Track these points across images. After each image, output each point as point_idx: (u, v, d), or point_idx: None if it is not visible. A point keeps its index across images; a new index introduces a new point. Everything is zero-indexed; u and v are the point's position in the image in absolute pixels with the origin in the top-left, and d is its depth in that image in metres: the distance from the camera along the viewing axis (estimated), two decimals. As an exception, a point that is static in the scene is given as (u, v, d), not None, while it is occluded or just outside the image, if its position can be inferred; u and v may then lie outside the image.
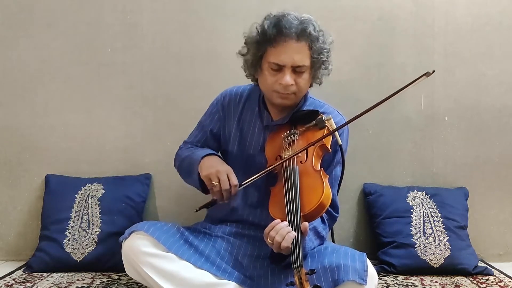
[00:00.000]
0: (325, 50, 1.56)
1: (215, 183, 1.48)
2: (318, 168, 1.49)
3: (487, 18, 2.21)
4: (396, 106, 2.21)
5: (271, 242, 1.33)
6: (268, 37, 1.51)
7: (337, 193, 1.66)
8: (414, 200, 2.11)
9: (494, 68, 2.22)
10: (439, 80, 2.22)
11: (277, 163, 1.48)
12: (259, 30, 1.54)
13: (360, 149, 2.20)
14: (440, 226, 2.04)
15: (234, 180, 1.50)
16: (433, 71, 1.44)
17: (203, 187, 1.59)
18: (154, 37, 2.20)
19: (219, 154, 1.70)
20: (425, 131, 2.23)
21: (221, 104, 1.73)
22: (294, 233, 1.31)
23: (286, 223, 1.34)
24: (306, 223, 1.35)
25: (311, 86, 1.64)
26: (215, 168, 1.52)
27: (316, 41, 1.52)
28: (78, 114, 2.21)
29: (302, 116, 1.60)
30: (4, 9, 2.19)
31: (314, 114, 1.58)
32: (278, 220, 1.35)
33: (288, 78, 1.51)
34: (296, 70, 1.52)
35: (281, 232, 1.31)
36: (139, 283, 1.83)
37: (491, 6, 2.20)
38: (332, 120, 1.54)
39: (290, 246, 1.29)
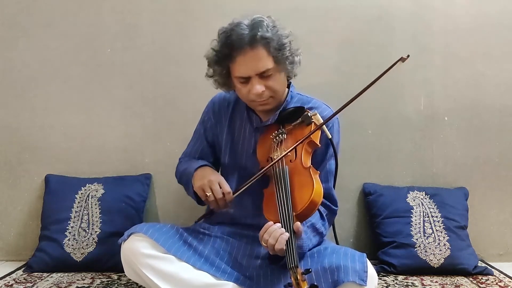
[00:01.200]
0: (285, 45, 1.52)
1: (208, 194, 1.49)
2: (308, 165, 1.48)
3: (486, 18, 2.20)
4: (396, 106, 2.21)
5: (265, 245, 1.34)
6: (224, 56, 1.50)
7: (334, 186, 1.65)
8: (414, 200, 2.11)
9: (493, 68, 2.22)
10: (438, 80, 2.22)
11: (268, 166, 1.48)
12: (215, 50, 1.54)
13: (360, 149, 2.20)
14: (440, 226, 2.04)
15: (227, 188, 1.51)
16: (408, 56, 1.45)
17: (198, 200, 1.61)
18: (153, 38, 2.20)
19: (211, 164, 1.70)
20: (425, 131, 2.23)
21: (212, 111, 1.74)
22: (287, 235, 1.31)
23: (278, 224, 1.34)
24: (298, 223, 1.35)
25: (289, 78, 1.63)
26: (206, 178, 1.53)
27: (271, 41, 1.49)
28: (78, 114, 2.21)
29: (288, 115, 1.59)
30: (4, 9, 2.19)
31: (300, 111, 1.58)
32: (271, 222, 1.36)
33: (257, 87, 1.50)
34: (263, 75, 1.51)
35: (274, 234, 1.32)
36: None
37: (490, 6, 2.20)
38: (318, 115, 1.53)
39: (284, 248, 1.30)
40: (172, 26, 2.20)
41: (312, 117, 1.53)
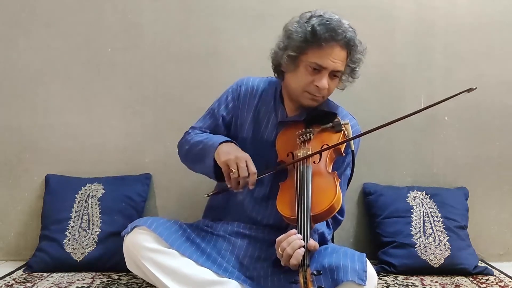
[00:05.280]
0: (359, 61, 1.59)
1: (233, 170, 1.44)
2: (331, 170, 1.49)
3: (488, 17, 2.20)
4: (396, 106, 2.21)
5: (281, 253, 1.31)
6: (317, 37, 1.49)
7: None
8: (414, 200, 2.11)
9: (494, 67, 2.21)
10: (439, 80, 2.22)
11: (294, 161, 1.47)
12: (308, 28, 1.50)
13: (360, 148, 2.17)
14: (440, 226, 2.04)
15: (253, 168, 1.46)
16: (475, 88, 1.46)
17: (217, 175, 1.55)
18: (154, 37, 2.20)
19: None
20: (425, 131, 2.22)
21: (237, 93, 1.71)
22: (303, 250, 1.28)
23: (300, 236, 1.31)
24: (313, 241, 1.34)
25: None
26: (233, 154, 1.47)
27: (355, 52, 1.55)
28: (78, 114, 2.21)
29: (319, 116, 1.59)
30: (5, 9, 2.19)
31: (331, 116, 1.58)
32: (294, 231, 1.33)
33: (325, 82, 1.52)
34: (333, 75, 1.54)
35: (293, 244, 1.28)
36: (139, 283, 1.83)
37: (492, 5, 2.20)
38: (349, 125, 1.55)
39: (299, 263, 1.27)
40: (173, 25, 2.20)
41: (344, 125, 1.54)
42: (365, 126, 2.19)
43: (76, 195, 2.10)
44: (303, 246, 1.28)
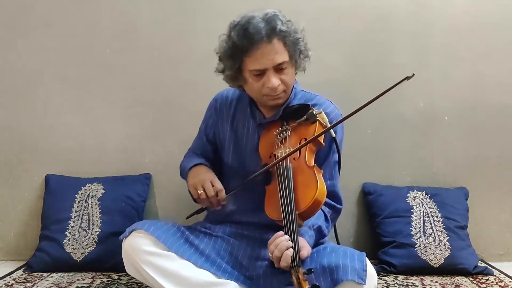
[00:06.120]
0: (299, 40, 1.53)
1: (199, 192, 1.51)
2: (312, 164, 1.47)
3: (486, 17, 2.20)
4: (396, 106, 2.21)
5: (271, 255, 1.32)
6: (240, 49, 1.48)
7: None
8: (414, 200, 2.11)
9: (493, 67, 2.21)
10: (438, 80, 2.22)
11: (266, 167, 1.47)
12: (229, 44, 1.51)
13: (360, 149, 2.20)
14: (440, 226, 2.04)
15: (218, 185, 1.52)
16: (413, 74, 1.41)
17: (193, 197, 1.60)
18: (152, 38, 2.20)
19: (210, 162, 1.70)
20: (425, 131, 2.23)
21: (214, 109, 1.73)
22: (292, 251, 1.28)
23: (287, 237, 1.31)
24: (304, 253, 1.34)
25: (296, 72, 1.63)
26: (198, 177, 1.56)
27: (288, 35, 1.49)
28: (78, 114, 2.22)
29: (293, 111, 1.58)
30: (4, 10, 2.20)
31: (305, 108, 1.57)
32: (281, 233, 1.33)
33: (274, 80, 1.49)
34: (278, 68, 1.50)
35: (280, 246, 1.30)
36: (139, 283, 1.83)
37: (490, 5, 2.20)
38: (323, 113, 1.53)
39: (289, 265, 1.27)
40: (171, 26, 2.20)
41: (317, 115, 1.52)
42: (364, 126, 2.21)
43: (76, 195, 2.10)
44: (292, 247, 1.28)
